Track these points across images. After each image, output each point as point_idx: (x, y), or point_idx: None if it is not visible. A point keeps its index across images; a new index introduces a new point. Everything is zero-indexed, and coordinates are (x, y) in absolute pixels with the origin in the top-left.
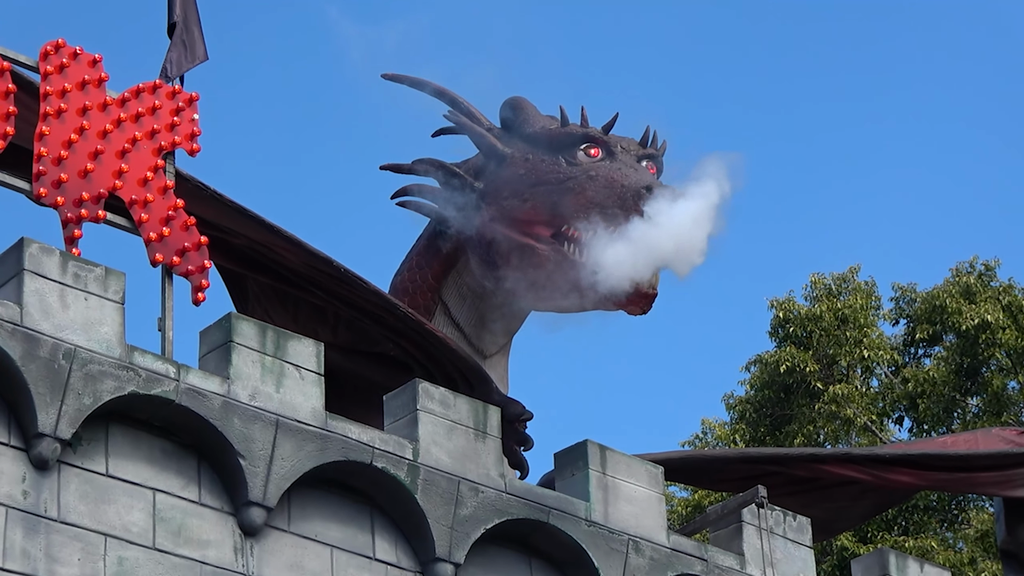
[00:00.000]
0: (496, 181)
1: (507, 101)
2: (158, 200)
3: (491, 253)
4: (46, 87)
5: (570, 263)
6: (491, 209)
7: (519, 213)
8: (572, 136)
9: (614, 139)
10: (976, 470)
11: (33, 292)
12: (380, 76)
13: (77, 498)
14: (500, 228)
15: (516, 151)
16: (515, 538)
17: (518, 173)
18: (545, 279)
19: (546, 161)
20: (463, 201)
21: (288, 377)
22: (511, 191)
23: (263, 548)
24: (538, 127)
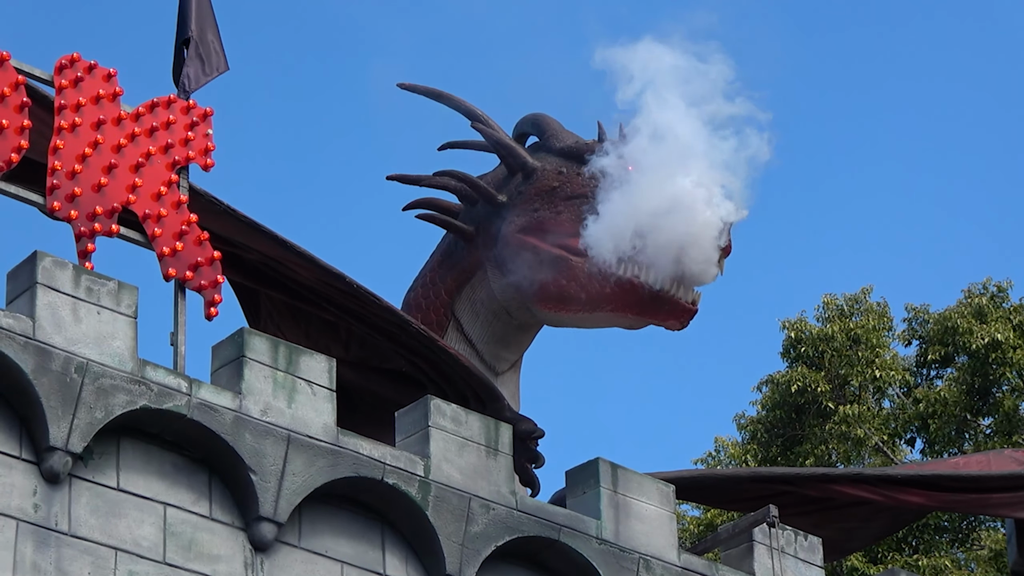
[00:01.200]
0: (526, 193)
1: (528, 117)
2: (171, 215)
3: (520, 262)
4: (61, 101)
5: (602, 277)
6: (520, 219)
7: (551, 224)
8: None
9: None
10: (988, 491)
11: (46, 305)
12: (396, 85)
13: (88, 512)
14: (531, 239)
15: (547, 165)
16: (526, 555)
17: (551, 185)
18: (577, 290)
19: (582, 175)
20: (484, 214)
21: (300, 393)
22: (543, 203)
23: (273, 563)
24: (571, 142)
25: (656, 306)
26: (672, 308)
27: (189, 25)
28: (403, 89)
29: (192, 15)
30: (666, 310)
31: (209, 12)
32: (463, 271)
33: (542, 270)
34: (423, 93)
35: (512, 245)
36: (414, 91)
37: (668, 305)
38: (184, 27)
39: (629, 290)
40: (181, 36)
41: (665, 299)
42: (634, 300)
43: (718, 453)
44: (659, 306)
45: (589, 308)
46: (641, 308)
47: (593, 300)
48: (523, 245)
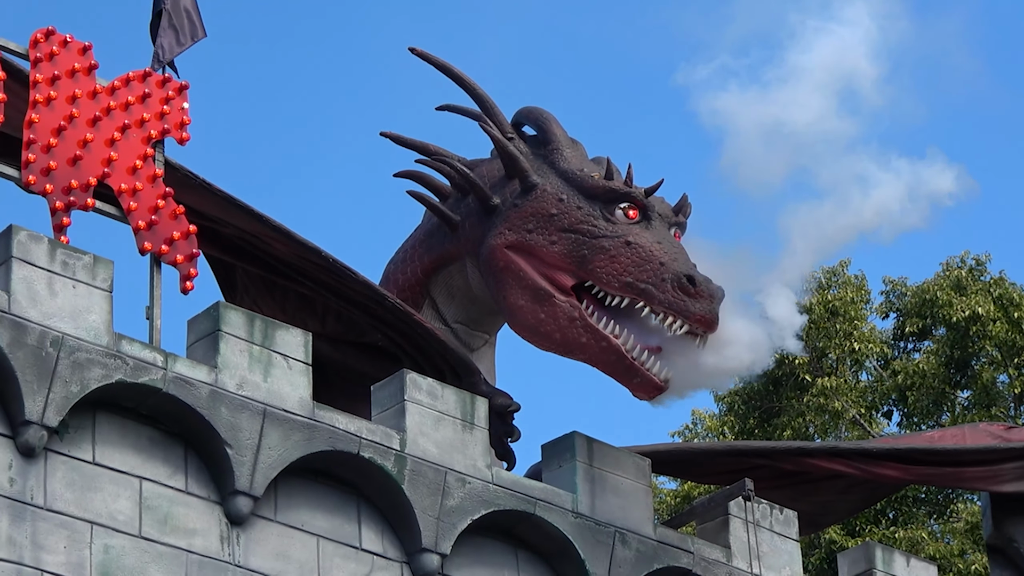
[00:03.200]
0: (522, 208)
1: (530, 112)
2: (147, 189)
3: (502, 278)
4: (36, 75)
5: (583, 326)
6: (510, 235)
7: (543, 253)
8: (614, 192)
9: (652, 202)
10: (963, 465)
11: (21, 279)
12: (407, 49)
13: (64, 486)
14: (519, 259)
15: (548, 185)
16: (502, 529)
17: (549, 211)
18: (553, 329)
19: (582, 209)
20: (474, 209)
21: (276, 367)
22: (537, 226)
23: (249, 537)
24: (575, 166)
25: (628, 374)
26: (643, 381)
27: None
28: (414, 54)
29: None
30: (636, 381)
31: None
32: (443, 256)
33: (522, 296)
34: (434, 63)
35: (497, 259)
36: (425, 59)
37: (639, 377)
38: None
39: (606, 349)
40: (156, 8)
41: (637, 371)
42: (608, 360)
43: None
44: (631, 375)
45: (561, 350)
46: (612, 370)
47: (567, 344)
48: (509, 264)
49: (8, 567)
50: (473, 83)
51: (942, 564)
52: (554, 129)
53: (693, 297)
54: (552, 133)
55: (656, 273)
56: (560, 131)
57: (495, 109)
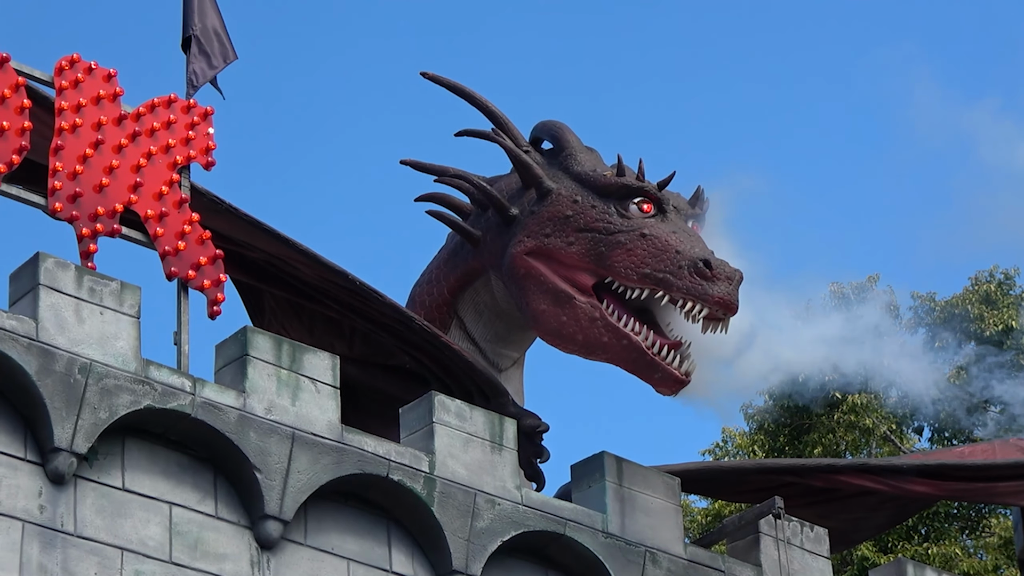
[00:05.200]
0: (539, 215)
1: (545, 125)
2: (173, 214)
3: (524, 285)
4: (61, 102)
5: (604, 325)
6: (529, 242)
7: (561, 255)
8: (627, 188)
9: (666, 195)
10: (994, 480)
11: (48, 307)
12: (420, 74)
13: (94, 512)
14: (539, 264)
15: (563, 188)
16: (532, 550)
17: (565, 213)
18: (575, 331)
19: (597, 208)
20: (494, 223)
21: (304, 390)
22: (555, 229)
23: (280, 561)
24: (588, 168)
25: (650, 369)
26: (664, 376)
27: (192, 22)
28: (426, 78)
29: (195, 11)
30: (658, 376)
31: (212, 4)
32: (467, 272)
33: (544, 300)
34: (446, 86)
35: (518, 267)
36: (437, 82)
37: (661, 372)
38: (186, 25)
39: (627, 347)
40: (185, 33)
41: (659, 366)
42: (629, 358)
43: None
44: (653, 370)
45: (584, 351)
46: (634, 367)
47: (589, 345)
48: (529, 270)
49: None
50: (485, 101)
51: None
52: (567, 136)
53: (711, 280)
54: (565, 140)
55: (673, 261)
56: (573, 138)
57: (508, 124)
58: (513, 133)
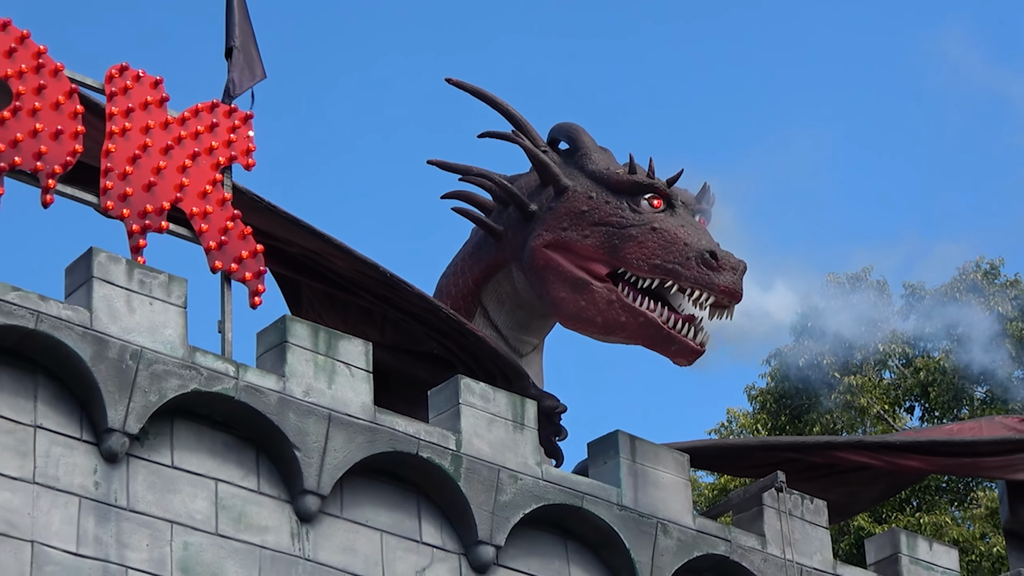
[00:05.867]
0: (556, 210)
1: (561, 127)
2: (217, 211)
3: (544, 275)
4: (111, 107)
5: (621, 306)
6: (548, 235)
7: (578, 247)
8: (638, 185)
9: (676, 192)
10: (981, 455)
11: (102, 298)
12: (444, 80)
13: (145, 488)
14: (557, 256)
15: (579, 186)
16: (552, 522)
17: (580, 208)
18: (595, 314)
19: (611, 203)
20: (515, 218)
21: (339, 374)
22: (571, 224)
23: (318, 533)
24: (602, 167)
25: (667, 342)
26: (681, 347)
27: (233, 34)
28: (451, 84)
29: (236, 23)
30: (675, 348)
31: (248, 22)
32: (490, 265)
33: (563, 287)
34: (469, 91)
35: (537, 258)
36: (460, 87)
37: (677, 344)
38: (229, 36)
39: (644, 324)
40: (228, 44)
41: (675, 338)
42: (647, 333)
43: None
44: (669, 343)
45: (603, 332)
46: (652, 342)
47: (608, 325)
48: (548, 261)
49: (95, 564)
50: (506, 104)
51: (964, 547)
52: (582, 137)
53: (716, 271)
54: (580, 141)
55: (681, 253)
56: (588, 139)
57: (527, 126)
58: (532, 134)
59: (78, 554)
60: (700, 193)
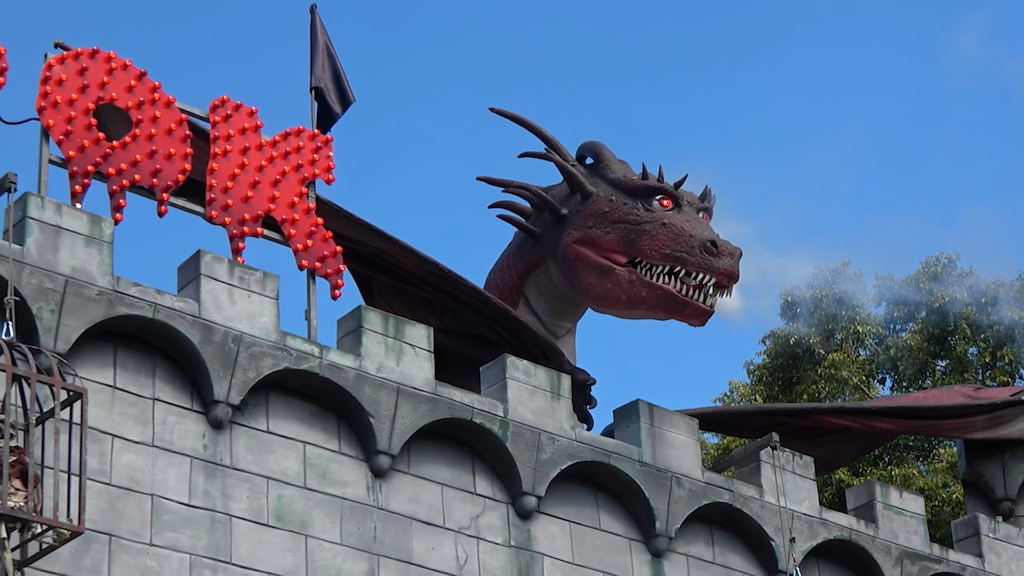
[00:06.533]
0: (583, 212)
1: (587, 145)
2: (303, 219)
3: (575, 267)
4: (215, 133)
5: (640, 283)
6: (576, 233)
7: (601, 241)
8: (650, 188)
9: (682, 193)
10: (942, 418)
11: (208, 292)
12: (488, 109)
13: (245, 450)
14: (584, 249)
15: (601, 191)
16: (584, 476)
17: (603, 210)
18: (617, 294)
19: (627, 204)
20: (550, 221)
21: (406, 354)
22: (596, 222)
23: (389, 487)
24: (620, 175)
25: (682, 307)
26: (694, 310)
27: (317, 75)
28: (493, 112)
29: (319, 63)
30: (688, 312)
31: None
32: (531, 262)
33: (591, 275)
34: (509, 117)
35: (569, 253)
36: (502, 115)
37: (690, 308)
38: (313, 75)
39: (662, 295)
40: (313, 80)
41: (689, 303)
42: (665, 303)
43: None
44: (684, 308)
45: (628, 307)
46: (670, 309)
47: (632, 301)
48: (577, 254)
49: (204, 513)
50: (540, 128)
51: (929, 495)
52: (604, 152)
53: (717, 256)
54: (602, 155)
55: (687, 243)
56: (609, 153)
57: (559, 144)
58: (563, 152)
59: (190, 505)
60: (703, 194)
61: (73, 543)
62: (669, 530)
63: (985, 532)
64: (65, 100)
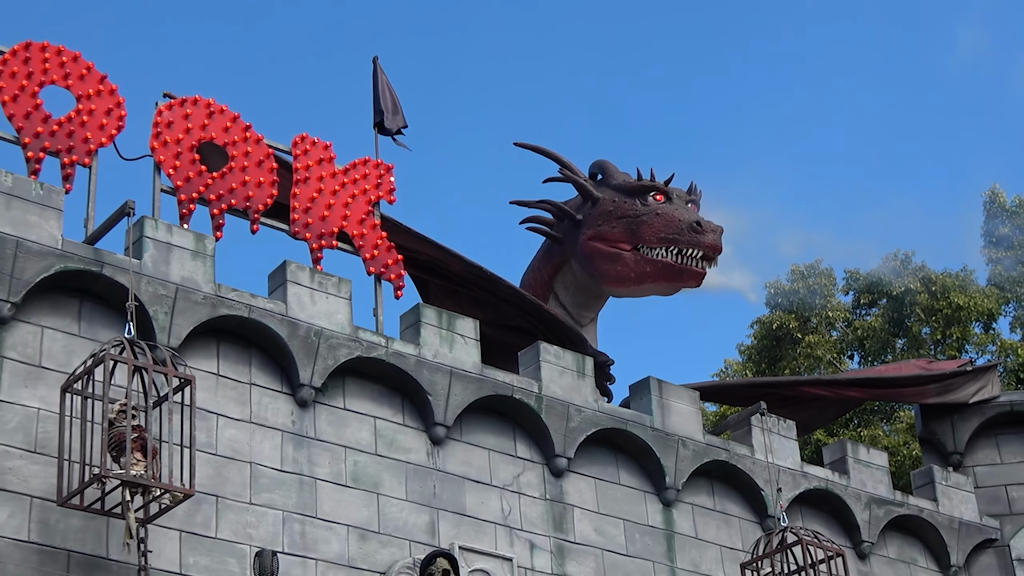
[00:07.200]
0: (593, 214)
1: (597, 164)
2: (370, 233)
3: (590, 259)
4: (296, 164)
5: (645, 260)
6: (589, 231)
7: (610, 234)
8: (645, 187)
9: (671, 189)
10: (902, 387)
11: (293, 295)
12: (512, 144)
13: (326, 424)
14: (597, 243)
15: (606, 195)
16: (605, 440)
17: (608, 209)
18: (627, 274)
19: (627, 202)
20: (569, 227)
21: (457, 343)
22: (603, 221)
23: (445, 452)
24: (621, 180)
25: (680, 274)
26: (690, 274)
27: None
28: (517, 146)
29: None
30: (686, 276)
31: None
32: (557, 263)
33: (604, 263)
34: (533, 149)
35: (585, 248)
36: (525, 147)
37: (687, 272)
38: (376, 110)
39: (662, 267)
40: (376, 117)
41: (685, 269)
42: (666, 273)
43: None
44: (681, 274)
45: (637, 282)
46: (671, 277)
47: (639, 277)
48: (592, 248)
49: (293, 477)
50: (556, 153)
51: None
52: (609, 167)
53: (702, 234)
54: (607, 170)
55: (677, 226)
56: (612, 167)
57: (571, 165)
58: (574, 170)
59: (282, 470)
60: (689, 188)
61: (185, 504)
62: (677, 483)
63: (939, 480)
64: (173, 140)
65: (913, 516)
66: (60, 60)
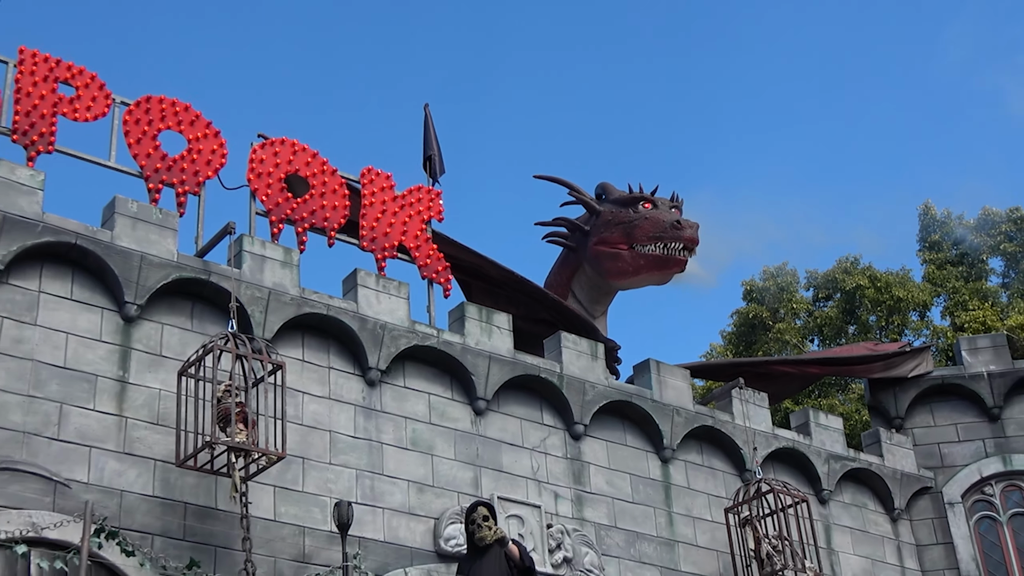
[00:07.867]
0: (596, 224)
1: (600, 185)
2: (424, 245)
3: (597, 261)
4: (364, 191)
5: (640, 256)
6: (594, 238)
7: (610, 239)
8: (635, 198)
9: (657, 198)
10: (853, 364)
11: (363, 295)
12: (533, 176)
13: (390, 399)
14: (600, 247)
15: (606, 209)
16: (615, 410)
17: (607, 219)
18: (627, 268)
19: (622, 211)
20: (580, 237)
21: (494, 333)
22: (604, 228)
23: (485, 421)
24: (616, 195)
25: (667, 263)
26: (675, 262)
27: (429, 145)
28: (537, 177)
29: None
30: (672, 265)
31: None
32: (573, 267)
33: (608, 262)
34: (548, 179)
35: (592, 252)
36: (543, 178)
37: (672, 260)
38: (427, 147)
39: (654, 259)
40: (426, 153)
41: (671, 259)
42: (657, 264)
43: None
44: (668, 263)
45: (634, 274)
46: (661, 267)
47: (636, 270)
48: (597, 252)
49: (364, 442)
50: (569, 182)
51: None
52: (608, 187)
53: (682, 229)
54: (608, 190)
55: (662, 226)
56: (612, 187)
57: (580, 189)
58: (584, 194)
59: (355, 437)
60: (672, 197)
61: (278, 464)
62: (672, 444)
63: (884, 440)
64: (265, 172)
65: (863, 469)
66: (174, 110)
